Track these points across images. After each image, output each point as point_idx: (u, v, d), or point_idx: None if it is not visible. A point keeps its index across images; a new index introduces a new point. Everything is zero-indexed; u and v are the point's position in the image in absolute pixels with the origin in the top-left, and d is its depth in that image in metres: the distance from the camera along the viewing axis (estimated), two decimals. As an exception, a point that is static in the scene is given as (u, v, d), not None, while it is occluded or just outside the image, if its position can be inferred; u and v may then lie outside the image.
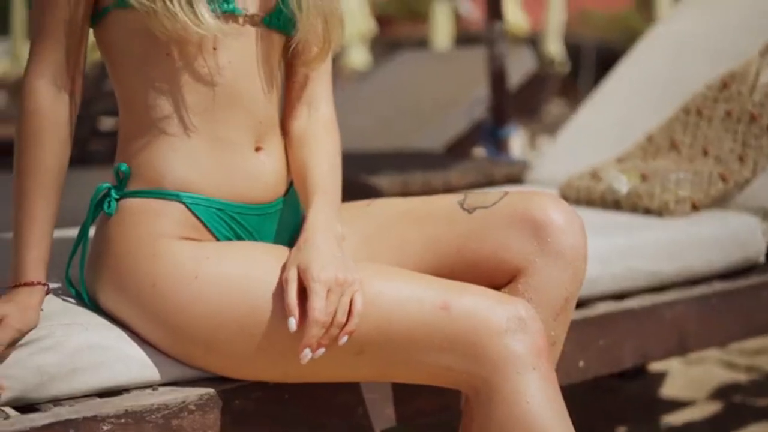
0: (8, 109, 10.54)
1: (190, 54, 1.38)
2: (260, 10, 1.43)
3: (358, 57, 11.36)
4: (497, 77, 3.11)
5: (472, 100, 3.43)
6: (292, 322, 1.27)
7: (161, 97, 1.39)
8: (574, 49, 16.67)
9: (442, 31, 14.74)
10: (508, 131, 3.15)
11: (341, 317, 1.28)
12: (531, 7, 13.21)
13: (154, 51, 1.37)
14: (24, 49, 15.05)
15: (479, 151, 3.54)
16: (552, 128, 8.17)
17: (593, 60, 18.53)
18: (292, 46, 1.47)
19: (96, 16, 1.40)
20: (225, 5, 1.38)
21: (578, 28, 19.22)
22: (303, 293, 1.29)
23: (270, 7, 1.44)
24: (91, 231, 1.46)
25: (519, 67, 3.38)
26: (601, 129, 2.64)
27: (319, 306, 1.26)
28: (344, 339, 1.28)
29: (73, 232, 1.58)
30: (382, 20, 18.07)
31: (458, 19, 20.14)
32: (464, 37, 19.36)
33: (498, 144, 3.18)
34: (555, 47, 13.45)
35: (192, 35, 1.34)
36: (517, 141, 3.62)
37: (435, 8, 15.31)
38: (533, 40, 14.20)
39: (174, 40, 1.36)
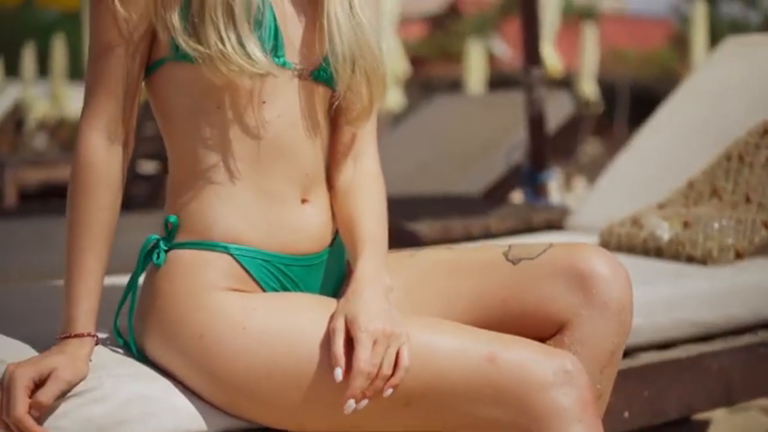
0: (49, 150, 10.69)
1: (240, 107, 1.40)
2: (308, 64, 1.45)
3: (393, 98, 11.42)
4: (536, 122, 3.12)
5: (511, 145, 3.44)
6: (339, 372, 1.28)
7: (210, 149, 1.41)
8: (608, 89, 16.65)
9: (476, 71, 14.81)
10: (546, 176, 3.15)
11: (387, 370, 1.28)
12: (564, 48, 13.25)
13: (205, 104, 1.40)
14: (63, 90, 15.31)
15: (518, 196, 3.55)
16: (587, 169, 8.16)
17: (627, 99, 18.49)
18: (336, 103, 1.48)
19: (149, 68, 1.43)
20: (275, 58, 1.40)
21: (612, 67, 19.22)
22: (350, 344, 1.30)
23: (316, 62, 1.45)
24: (140, 281, 1.47)
25: (557, 112, 3.39)
26: (642, 175, 2.64)
27: (364, 357, 1.27)
28: (389, 392, 1.29)
29: (115, 279, 1.60)
30: (416, 61, 18.20)
31: (492, 59, 20.24)
32: (498, 78, 19.43)
33: (536, 188, 3.18)
34: (589, 87, 13.47)
35: (245, 80, 1.36)
36: (553, 182, 3.61)
37: (469, 49, 15.41)
38: (567, 81, 14.23)
39: (225, 92, 1.38)
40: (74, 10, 6.62)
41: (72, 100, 15.74)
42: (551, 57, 9.62)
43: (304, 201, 1.47)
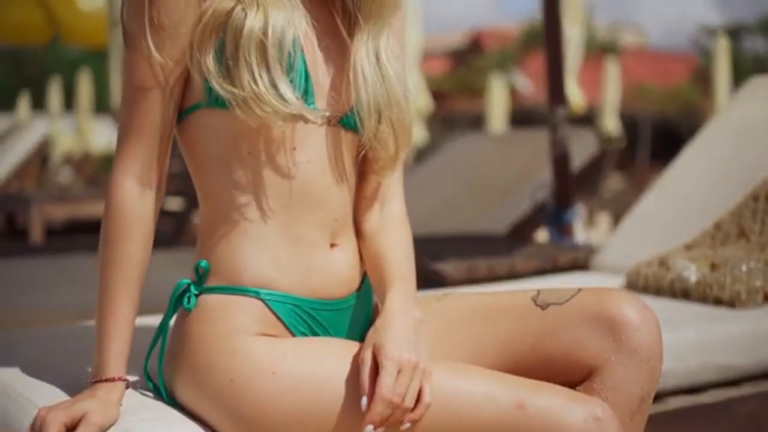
0: (74, 184, 10.77)
1: (271, 152, 1.41)
2: (336, 111, 1.46)
3: (415, 133, 11.46)
4: (560, 162, 3.12)
5: (535, 183, 3.44)
6: (364, 401, 1.29)
7: (241, 195, 1.42)
8: (630, 123, 16.66)
9: (498, 106, 14.84)
10: (571, 215, 3.15)
11: (409, 402, 1.29)
12: (586, 82, 13.26)
13: (236, 149, 1.41)
14: (89, 124, 15.46)
15: (542, 234, 3.54)
16: (610, 204, 8.14)
17: (649, 133, 18.47)
18: (361, 153, 1.50)
19: (182, 114, 1.44)
20: (305, 103, 1.41)
21: (634, 102, 19.22)
22: (377, 374, 1.31)
23: (344, 108, 1.47)
24: (170, 324, 1.48)
25: (581, 150, 3.39)
26: (667, 214, 2.63)
27: (387, 384, 1.28)
28: (407, 425, 1.29)
29: (141, 319, 1.61)
30: (438, 96, 18.28)
31: (514, 93, 20.29)
32: (521, 112, 19.46)
33: (561, 228, 3.18)
34: (612, 123, 13.47)
35: (277, 122, 1.37)
36: (577, 221, 3.61)
37: (491, 84, 15.45)
38: (590, 116, 14.24)
39: (257, 137, 1.39)
40: (101, 47, 6.69)
41: (97, 134, 15.91)
42: (574, 92, 9.61)
43: (332, 245, 1.48)
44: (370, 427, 1.28)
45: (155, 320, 1.62)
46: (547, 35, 3.18)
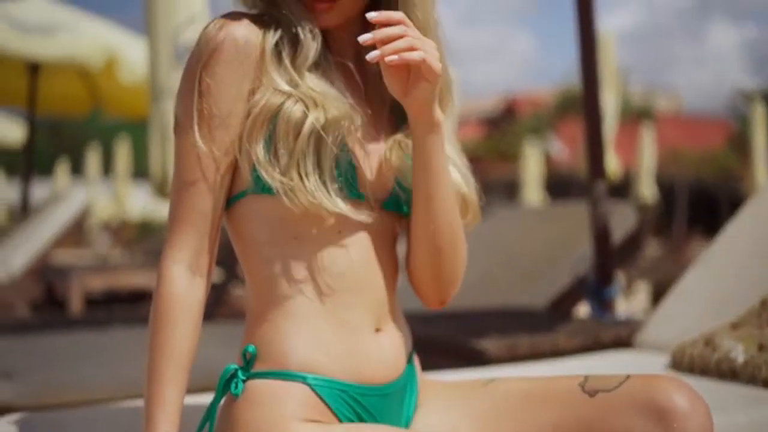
0: (112, 251, 10.88)
1: (316, 237, 1.43)
2: (379, 195, 1.48)
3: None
4: (601, 237, 3.11)
5: (575, 257, 3.43)
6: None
7: (287, 279, 1.43)
8: (666, 189, 16.58)
9: (533, 172, 14.87)
10: (613, 291, 3.13)
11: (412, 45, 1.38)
12: (622, 147, 13.25)
13: (283, 234, 1.43)
14: (126, 191, 15.65)
15: (583, 308, 3.52)
16: (648, 271, 8.06)
17: (686, 199, 18.35)
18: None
19: (230, 200, 1.47)
20: (349, 191, 1.43)
21: (670, 168, 19.16)
22: None
23: (387, 191, 1.49)
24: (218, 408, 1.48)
25: (620, 224, 3.38)
26: (711, 292, 2.60)
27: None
28: (393, 58, 1.37)
29: (186, 399, 1.61)
30: (473, 161, 18.29)
31: (549, 159, 20.32)
32: (555, 178, 19.45)
33: (603, 303, 3.16)
34: (648, 189, 13.42)
35: (322, 213, 1.39)
36: (619, 295, 3.58)
37: (525, 149, 15.50)
38: (626, 182, 14.20)
39: (303, 223, 1.41)
40: (139, 118, 6.81)
41: (134, 199, 16.11)
42: (609, 160, 9.62)
43: (378, 330, 1.49)
44: (368, 36, 1.35)
45: (197, 399, 1.62)
46: (586, 107, 3.19)
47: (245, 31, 1.42)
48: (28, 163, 8.24)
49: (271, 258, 1.44)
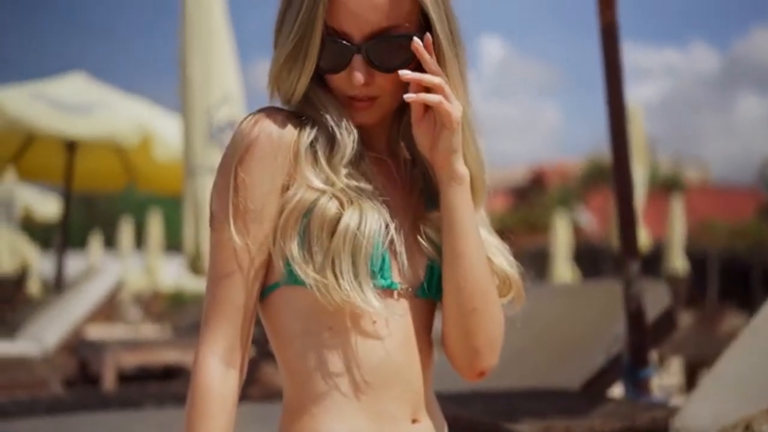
0: (143, 324, 10.92)
1: (351, 329, 1.43)
2: (412, 283, 1.49)
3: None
4: (635, 317, 3.10)
5: (609, 337, 3.41)
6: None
7: (322, 370, 1.44)
8: (697, 260, 16.46)
9: (562, 243, 14.83)
10: (648, 372, 3.11)
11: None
12: (651, 219, 13.19)
13: (317, 326, 1.44)
14: (158, 264, 15.75)
15: (617, 389, 3.49)
16: (680, 344, 7.96)
17: (717, 270, 18.20)
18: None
19: (264, 292, 1.48)
20: (382, 280, 1.44)
21: (700, 239, 19.03)
22: None
23: (420, 279, 1.50)
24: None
25: (654, 303, 3.36)
26: (749, 374, 2.58)
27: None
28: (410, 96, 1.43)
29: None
30: (500, 233, 18.24)
31: (578, 230, 20.26)
32: (584, 249, 19.38)
33: (638, 384, 3.13)
34: (679, 261, 13.33)
35: (356, 309, 1.40)
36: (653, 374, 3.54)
37: (554, 220, 15.48)
38: (656, 253, 14.11)
39: (337, 315, 1.42)
40: (173, 194, 6.90)
41: (166, 272, 16.21)
42: (639, 232, 9.58)
43: (414, 421, 1.48)
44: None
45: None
46: (618, 186, 3.20)
47: (280, 127, 1.45)
48: (63, 237, 8.35)
49: (306, 350, 1.44)
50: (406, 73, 1.43)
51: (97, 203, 29.31)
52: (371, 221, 1.41)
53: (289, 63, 1.46)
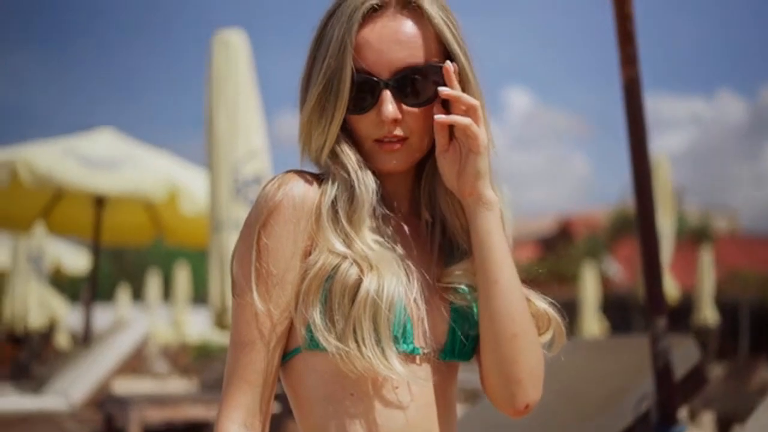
0: (169, 377, 10.90)
1: (373, 394, 1.42)
2: (435, 346, 1.48)
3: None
4: (662, 375, 3.05)
5: (638, 395, 3.37)
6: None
7: (344, 434, 1.43)
8: (728, 310, 16.27)
9: (590, 295, 14.73)
10: (678, 430, 3.06)
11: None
12: (679, 269, 13.10)
13: (338, 391, 1.43)
14: (185, 317, 15.81)
15: (646, 447, 3.43)
16: (712, 399, 7.85)
17: (748, 320, 17.98)
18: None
19: (285, 357, 1.47)
20: (404, 345, 1.43)
21: (730, 289, 18.82)
22: None
23: (443, 343, 1.48)
24: None
25: (683, 359, 3.32)
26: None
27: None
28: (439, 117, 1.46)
29: None
30: (528, 283, 18.12)
31: (605, 280, 20.12)
32: (612, 299, 19.22)
33: (667, 442, 3.08)
34: (709, 312, 13.19)
35: (379, 376, 1.40)
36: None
37: (582, 272, 15.40)
38: (685, 304, 13.97)
39: (359, 380, 1.41)
40: (200, 247, 6.95)
41: (193, 325, 16.25)
42: (666, 282, 9.50)
43: (438, 484, 1.47)
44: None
45: None
46: (643, 246, 3.17)
47: (303, 189, 1.45)
48: (91, 290, 8.41)
49: (327, 416, 1.43)
50: (444, 89, 1.45)
51: (125, 255, 29.50)
52: (391, 286, 1.40)
53: (321, 104, 1.47)
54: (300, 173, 1.49)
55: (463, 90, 1.47)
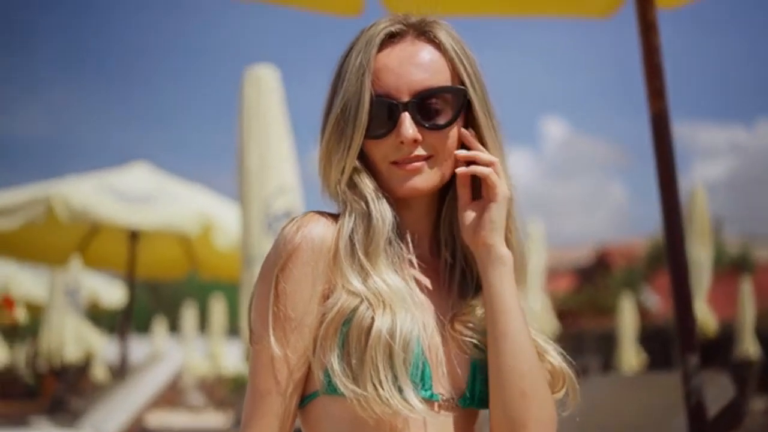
0: (204, 409, 10.92)
1: None
2: (454, 392, 1.46)
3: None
4: (695, 413, 3.00)
5: (672, 431, 3.31)
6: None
7: (365, 479, 1.41)
8: (768, 341, 15.96)
9: (628, 326, 14.58)
10: (712, 469, 2.99)
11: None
12: (718, 300, 12.91)
13: None
14: (221, 349, 15.83)
15: (681, 486, 3.36)
16: (754, 431, 7.70)
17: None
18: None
19: (303, 399, 1.46)
20: (423, 391, 1.41)
21: (772, 319, 18.51)
22: None
23: (462, 388, 1.46)
24: None
25: (718, 397, 3.26)
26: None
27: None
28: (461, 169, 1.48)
29: None
30: (564, 314, 18.06)
31: (644, 311, 19.89)
32: (651, 330, 18.99)
33: (701, 482, 3.01)
34: (750, 343, 12.98)
35: (399, 419, 1.37)
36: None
37: (620, 303, 15.24)
38: (723, 337, 13.75)
39: (378, 427, 1.39)
40: (234, 280, 6.97)
41: (229, 357, 16.27)
42: (704, 314, 9.37)
43: None
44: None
45: None
46: (675, 286, 3.13)
47: (322, 231, 1.44)
48: (127, 324, 8.47)
49: None
50: (460, 152, 1.46)
51: (161, 288, 29.70)
52: (405, 325, 1.38)
53: (339, 129, 1.47)
54: (319, 214, 1.48)
55: (475, 125, 1.49)
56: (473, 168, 1.46)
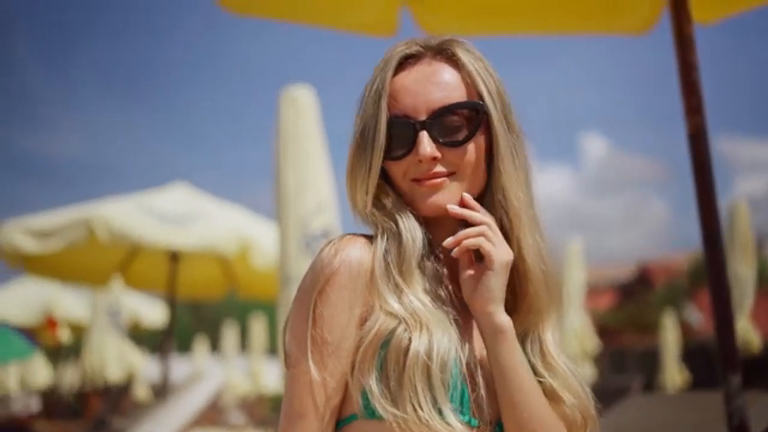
0: (245, 427, 10.95)
1: None
2: (490, 419, 1.44)
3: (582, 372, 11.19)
4: (737, 434, 2.95)
5: (712, 452, 3.27)
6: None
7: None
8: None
9: (671, 343, 14.41)
10: (755, 490, 2.94)
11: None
12: (763, 317, 12.71)
13: None
14: (262, 368, 15.86)
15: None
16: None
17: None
18: None
19: (339, 422, 1.44)
20: (461, 416, 1.39)
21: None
22: None
23: (497, 416, 1.44)
24: None
25: (761, 418, 3.21)
26: None
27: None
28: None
29: None
30: (606, 331, 17.88)
31: (686, 328, 19.65)
32: (694, 346, 18.74)
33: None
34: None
35: None
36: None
37: (662, 320, 15.08)
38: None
39: None
40: (272, 299, 6.99)
41: (270, 375, 16.31)
42: (747, 331, 9.23)
43: None
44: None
45: None
46: (715, 305, 3.08)
47: (359, 254, 1.44)
48: (168, 344, 8.52)
49: None
50: (453, 209, 1.45)
51: (202, 308, 29.88)
52: (442, 345, 1.38)
53: (360, 150, 1.48)
54: (356, 236, 1.48)
55: (494, 140, 1.48)
56: (461, 238, 1.44)
